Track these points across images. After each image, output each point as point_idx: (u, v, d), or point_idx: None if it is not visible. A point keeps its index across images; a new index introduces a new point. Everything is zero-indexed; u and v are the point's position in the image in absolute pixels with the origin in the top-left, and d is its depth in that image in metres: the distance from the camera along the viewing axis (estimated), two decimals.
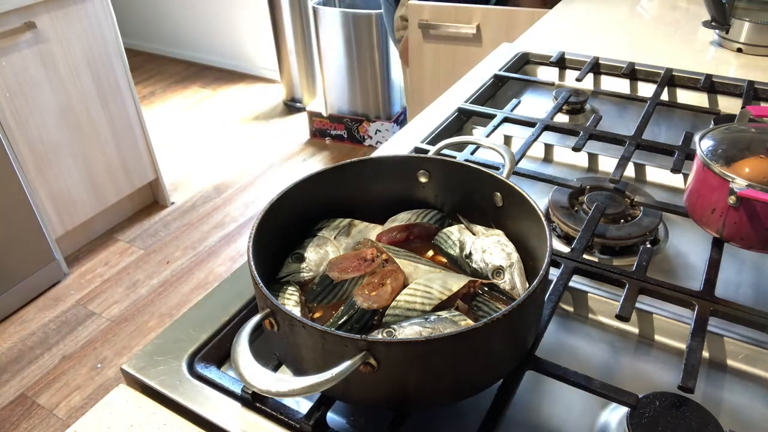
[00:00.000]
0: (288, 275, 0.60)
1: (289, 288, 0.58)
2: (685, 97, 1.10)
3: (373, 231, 0.66)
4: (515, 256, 0.60)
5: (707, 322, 0.58)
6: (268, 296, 0.48)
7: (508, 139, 1.01)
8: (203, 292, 2.17)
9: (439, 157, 0.67)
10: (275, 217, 0.59)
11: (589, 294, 0.67)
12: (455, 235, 0.64)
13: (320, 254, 0.62)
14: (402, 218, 0.67)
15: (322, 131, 3.20)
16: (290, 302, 0.56)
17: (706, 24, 1.25)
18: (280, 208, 0.59)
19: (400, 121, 3.07)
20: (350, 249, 0.64)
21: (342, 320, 0.54)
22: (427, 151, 0.84)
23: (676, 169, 0.81)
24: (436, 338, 0.44)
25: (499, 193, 0.62)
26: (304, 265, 0.61)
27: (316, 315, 0.57)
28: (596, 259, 0.72)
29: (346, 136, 3.14)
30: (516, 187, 0.60)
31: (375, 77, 2.94)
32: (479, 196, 0.64)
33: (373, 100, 3.00)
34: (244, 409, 0.52)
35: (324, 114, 3.13)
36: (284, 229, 0.61)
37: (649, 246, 0.70)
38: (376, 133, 3.07)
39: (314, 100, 3.26)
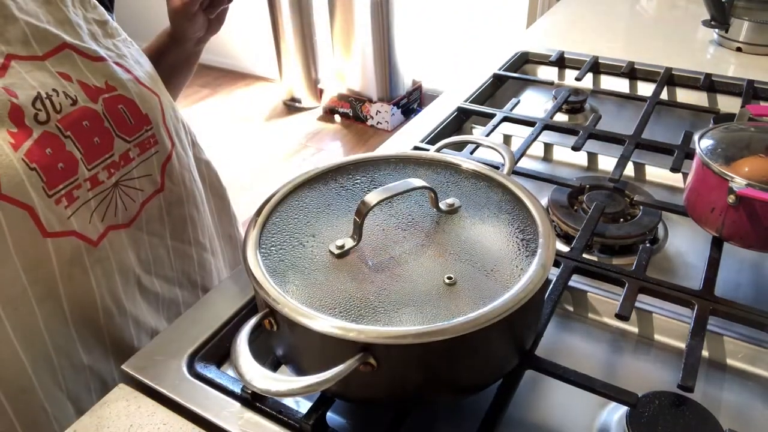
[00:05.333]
0: None
1: None
2: (684, 96, 1.10)
3: None
4: None
5: (707, 321, 0.58)
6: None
7: (507, 139, 1.01)
8: None
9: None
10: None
11: (588, 293, 0.67)
12: None
13: None
14: None
15: (332, 109, 3.54)
16: None
17: (705, 23, 1.25)
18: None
19: (401, 104, 3.39)
20: None
21: None
22: (426, 151, 0.84)
23: (675, 169, 0.81)
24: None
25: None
26: None
27: None
28: (596, 259, 0.72)
29: (351, 114, 3.47)
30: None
31: (382, 58, 3.24)
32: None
33: (380, 82, 3.30)
34: (244, 409, 0.52)
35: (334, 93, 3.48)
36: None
37: (648, 245, 0.70)
38: (376, 114, 3.38)
39: (330, 81, 3.52)
